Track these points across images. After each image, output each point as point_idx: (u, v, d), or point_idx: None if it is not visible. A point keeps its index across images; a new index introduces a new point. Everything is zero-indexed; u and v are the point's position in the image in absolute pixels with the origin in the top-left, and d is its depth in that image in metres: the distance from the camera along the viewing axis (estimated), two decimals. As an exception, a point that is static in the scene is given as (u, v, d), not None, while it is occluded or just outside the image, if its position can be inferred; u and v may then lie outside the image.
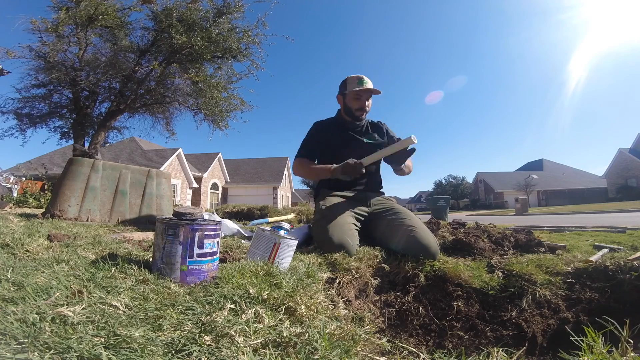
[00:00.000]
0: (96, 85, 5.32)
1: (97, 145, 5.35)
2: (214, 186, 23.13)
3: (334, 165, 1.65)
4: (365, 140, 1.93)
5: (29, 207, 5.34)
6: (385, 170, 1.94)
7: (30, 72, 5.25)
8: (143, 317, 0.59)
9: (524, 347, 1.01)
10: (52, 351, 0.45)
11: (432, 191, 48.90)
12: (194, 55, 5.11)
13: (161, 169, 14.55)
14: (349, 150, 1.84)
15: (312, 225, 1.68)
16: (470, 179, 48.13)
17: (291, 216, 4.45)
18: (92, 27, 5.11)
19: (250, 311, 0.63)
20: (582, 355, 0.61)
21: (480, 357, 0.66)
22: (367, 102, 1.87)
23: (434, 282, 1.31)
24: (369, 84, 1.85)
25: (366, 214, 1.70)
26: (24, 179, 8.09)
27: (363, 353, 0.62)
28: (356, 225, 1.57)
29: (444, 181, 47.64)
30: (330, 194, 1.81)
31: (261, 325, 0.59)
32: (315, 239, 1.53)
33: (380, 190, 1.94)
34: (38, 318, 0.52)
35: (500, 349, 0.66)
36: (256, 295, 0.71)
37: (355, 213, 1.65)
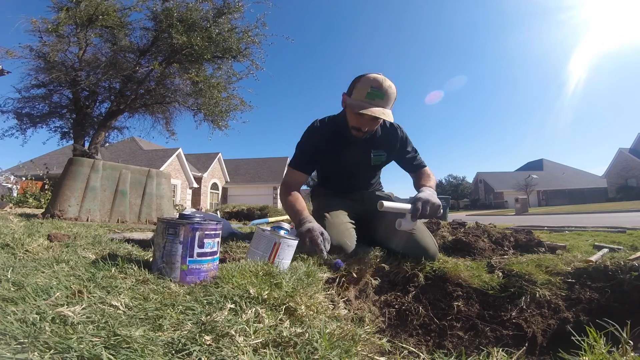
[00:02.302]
0: (96, 85, 5.33)
1: (97, 145, 5.35)
2: (214, 186, 23.14)
3: (302, 216, 1.36)
4: (372, 156, 1.64)
5: (29, 207, 5.34)
6: (386, 169, 1.87)
7: (30, 72, 5.27)
8: (143, 317, 0.59)
9: (524, 347, 1.01)
10: (52, 351, 0.45)
11: (432, 191, 48.76)
12: (194, 55, 5.12)
13: (161, 169, 14.55)
14: (350, 169, 1.68)
15: None
16: (470, 179, 48.19)
17: (291, 216, 4.44)
18: (92, 27, 5.12)
19: (250, 311, 0.63)
20: (582, 355, 0.61)
21: (480, 357, 0.66)
22: (368, 124, 1.45)
23: (434, 282, 1.31)
24: (379, 106, 1.36)
25: (362, 213, 1.69)
26: (24, 178, 8.09)
27: (363, 353, 0.62)
28: (353, 224, 1.56)
29: (444, 181, 47.70)
30: (325, 194, 1.78)
31: (261, 325, 0.59)
32: None
33: (381, 189, 1.91)
34: (38, 318, 0.52)
35: (500, 349, 0.66)
36: (256, 295, 0.71)
37: (351, 212, 1.64)
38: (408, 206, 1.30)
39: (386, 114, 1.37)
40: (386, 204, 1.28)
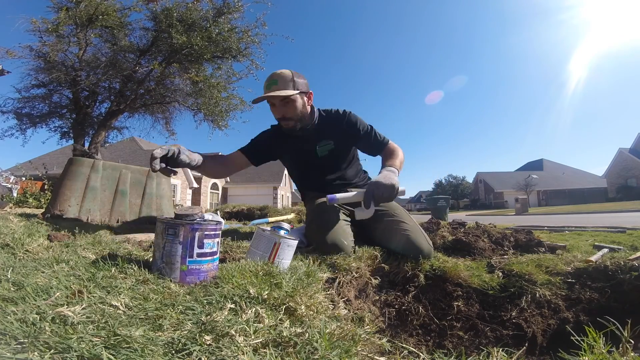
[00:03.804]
0: (96, 85, 5.32)
1: (97, 145, 5.36)
2: (214, 186, 23.13)
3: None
4: (317, 148, 1.63)
5: (29, 207, 5.34)
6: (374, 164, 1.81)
7: (30, 72, 5.26)
8: (143, 317, 0.59)
9: (524, 347, 1.01)
10: (52, 351, 0.45)
11: (432, 191, 48.99)
12: (194, 55, 5.12)
13: (161, 169, 14.49)
14: (304, 164, 1.70)
15: (305, 228, 1.66)
16: (470, 179, 48.21)
17: (291, 216, 4.45)
18: (92, 27, 5.12)
19: (250, 311, 0.63)
20: (582, 355, 0.61)
21: (480, 357, 0.66)
22: (283, 110, 1.48)
23: (434, 282, 1.31)
24: (273, 88, 1.43)
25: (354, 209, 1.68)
26: (24, 178, 8.09)
27: (363, 353, 0.62)
28: (347, 222, 1.55)
29: (444, 181, 47.72)
30: (317, 196, 1.74)
31: (261, 325, 0.59)
32: (310, 240, 1.52)
33: (357, 182, 1.85)
34: (38, 318, 0.52)
35: (500, 349, 0.66)
36: (256, 295, 0.71)
37: (344, 210, 1.63)
38: (352, 194, 1.31)
39: (282, 92, 1.41)
40: (338, 195, 1.30)
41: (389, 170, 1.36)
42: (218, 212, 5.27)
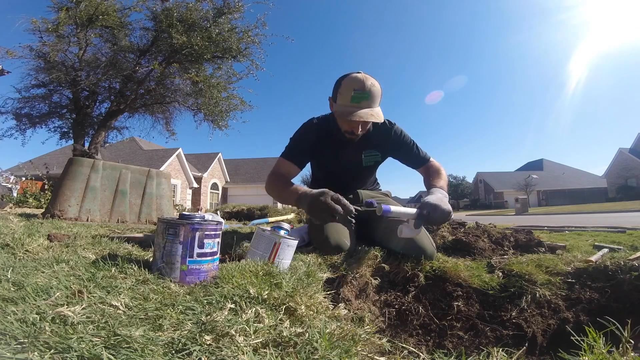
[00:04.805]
0: (96, 85, 5.33)
1: (97, 145, 5.36)
2: (214, 186, 23.14)
3: (302, 190, 1.29)
4: (364, 157, 1.60)
5: (29, 207, 5.34)
6: (387, 168, 1.83)
7: (30, 72, 5.27)
8: (143, 317, 0.59)
9: (524, 347, 1.01)
10: (52, 351, 0.45)
11: (432, 191, 48.81)
12: (194, 55, 5.13)
13: (161, 169, 14.54)
14: (342, 169, 1.64)
15: (308, 227, 1.66)
16: (470, 179, 48.22)
17: (291, 216, 4.45)
18: (92, 27, 5.13)
19: (250, 311, 0.63)
20: (582, 355, 0.61)
21: (480, 357, 0.66)
22: (359, 128, 1.39)
23: (434, 282, 1.31)
24: (366, 107, 1.31)
25: (360, 213, 1.68)
26: (24, 178, 8.09)
27: (363, 353, 0.62)
28: (351, 224, 1.55)
29: (444, 181, 47.63)
30: None
31: (261, 325, 0.59)
32: (312, 240, 1.52)
33: (377, 188, 1.90)
34: (38, 318, 0.52)
35: (500, 349, 0.66)
36: (256, 295, 0.71)
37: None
38: (412, 211, 1.22)
39: (375, 115, 1.32)
40: (393, 208, 1.19)
41: (443, 194, 1.31)
42: (218, 212, 5.28)
